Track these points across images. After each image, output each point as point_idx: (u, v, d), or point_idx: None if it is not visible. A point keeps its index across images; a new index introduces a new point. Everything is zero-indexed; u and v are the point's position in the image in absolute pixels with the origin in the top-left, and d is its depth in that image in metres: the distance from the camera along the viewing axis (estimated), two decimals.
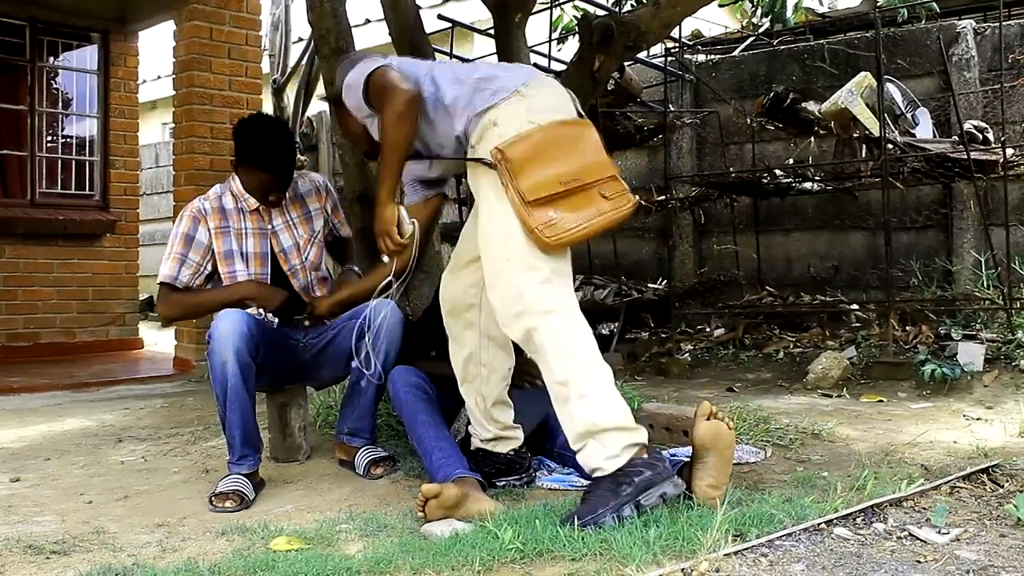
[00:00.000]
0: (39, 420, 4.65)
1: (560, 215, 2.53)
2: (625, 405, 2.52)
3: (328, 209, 3.57)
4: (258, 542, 2.51)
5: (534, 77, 2.76)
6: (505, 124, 2.62)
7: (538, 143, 2.58)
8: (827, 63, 6.31)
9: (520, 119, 2.61)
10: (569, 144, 2.62)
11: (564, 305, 2.55)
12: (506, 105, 2.65)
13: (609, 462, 2.46)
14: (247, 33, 6.65)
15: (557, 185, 2.54)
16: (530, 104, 2.64)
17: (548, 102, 2.69)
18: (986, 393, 4.32)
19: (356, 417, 3.35)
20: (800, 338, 5.85)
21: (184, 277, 3.32)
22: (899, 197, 5.78)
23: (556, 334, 2.52)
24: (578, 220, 2.54)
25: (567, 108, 2.72)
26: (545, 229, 2.50)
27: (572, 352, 2.52)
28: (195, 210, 3.36)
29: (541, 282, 2.54)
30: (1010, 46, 5.69)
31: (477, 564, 2.14)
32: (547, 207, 2.53)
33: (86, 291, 7.51)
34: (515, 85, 2.68)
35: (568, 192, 2.56)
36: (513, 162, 2.55)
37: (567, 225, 2.53)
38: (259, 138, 3.31)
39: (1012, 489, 2.67)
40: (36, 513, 2.94)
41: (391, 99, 2.70)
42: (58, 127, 7.71)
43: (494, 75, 2.76)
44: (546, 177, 2.54)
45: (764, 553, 2.17)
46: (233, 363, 2.98)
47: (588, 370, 2.51)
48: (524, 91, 2.67)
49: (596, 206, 2.58)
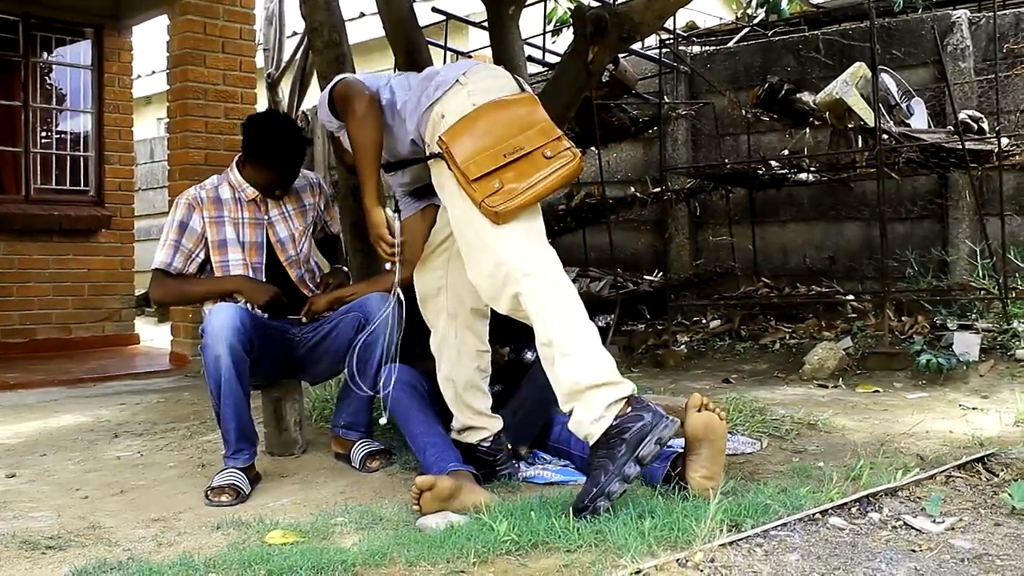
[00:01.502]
0: (35, 416, 4.65)
1: (505, 185, 2.56)
2: (609, 360, 2.52)
3: (321, 206, 3.59)
4: (254, 536, 2.51)
5: (473, 65, 2.83)
6: (450, 114, 2.68)
7: (477, 123, 2.63)
8: (822, 54, 6.31)
9: (463, 106, 2.67)
10: (510, 119, 2.66)
11: (541, 265, 2.56)
12: (449, 96, 2.71)
13: (595, 426, 2.45)
14: (241, 27, 6.63)
15: (500, 158, 2.57)
16: (471, 89, 2.70)
17: (487, 84, 2.74)
18: (982, 383, 4.32)
19: (352, 410, 3.36)
20: (796, 329, 5.85)
21: (178, 263, 3.35)
22: (894, 187, 5.78)
23: (537, 296, 2.53)
24: (522, 185, 2.56)
25: (508, 86, 2.77)
26: (490, 200, 2.53)
27: (553, 312, 2.52)
28: (190, 198, 3.38)
29: (513, 248, 2.55)
30: (1004, 36, 5.68)
31: (472, 556, 2.14)
32: (491, 179, 2.56)
33: (81, 287, 7.50)
34: (454, 76, 2.74)
35: (511, 163, 2.59)
36: (453, 147, 2.60)
37: (512, 193, 2.55)
38: (270, 136, 3.35)
39: (1007, 478, 2.67)
40: (32, 509, 2.93)
41: (350, 105, 2.83)
42: (52, 123, 7.69)
43: (435, 72, 2.86)
44: (486, 153, 2.58)
45: (759, 543, 2.17)
46: (227, 357, 2.98)
47: (571, 329, 2.51)
48: (463, 79, 2.72)
49: (540, 170, 2.60)
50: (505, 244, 2.55)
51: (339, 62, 4.05)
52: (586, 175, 7.03)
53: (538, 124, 2.67)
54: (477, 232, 2.59)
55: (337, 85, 2.90)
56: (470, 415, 2.98)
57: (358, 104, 2.80)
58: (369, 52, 10.44)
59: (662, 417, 2.44)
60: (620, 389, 2.48)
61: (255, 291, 3.30)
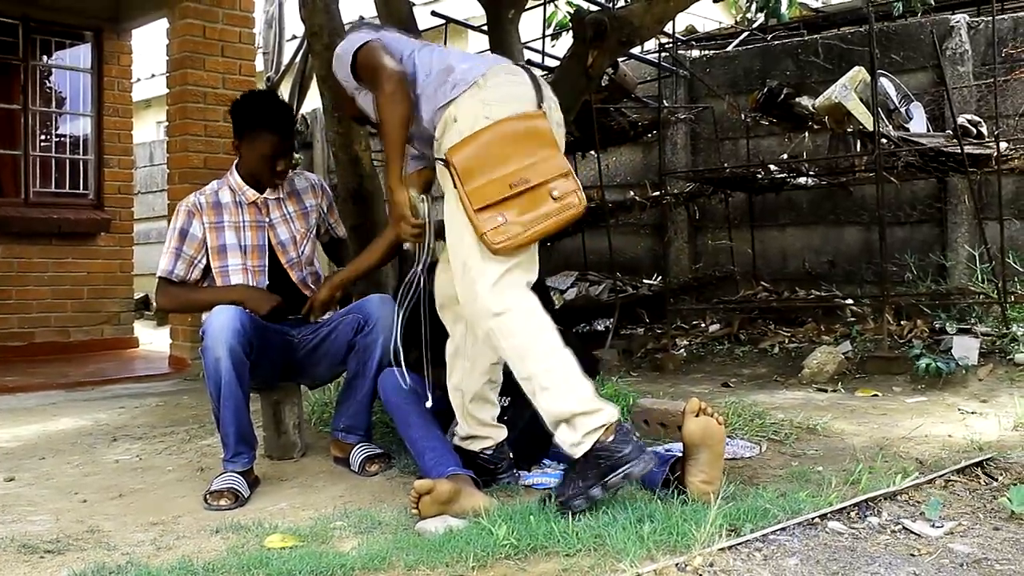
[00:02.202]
0: (34, 419, 4.64)
1: (508, 219, 2.54)
2: (586, 388, 2.53)
3: (324, 208, 3.60)
4: (252, 540, 2.51)
5: (494, 66, 2.76)
6: (463, 119, 2.64)
7: (486, 144, 2.59)
8: (821, 58, 6.31)
9: (476, 114, 2.62)
10: (520, 142, 2.61)
11: (514, 303, 2.57)
12: (464, 98, 2.66)
13: (575, 448, 2.50)
14: (240, 31, 6.63)
15: (505, 189, 2.55)
16: (486, 96, 2.65)
17: (505, 91, 2.68)
18: (981, 387, 4.32)
19: (351, 414, 3.36)
20: (795, 333, 5.85)
21: (180, 271, 3.36)
22: (893, 192, 5.78)
23: (509, 334, 2.56)
24: (526, 224, 2.55)
25: (526, 96, 2.70)
26: (492, 235, 2.53)
27: (527, 349, 2.55)
28: (190, 204, 3.39)
29: (492, 285, 2.56)
30: (1003, 40, 5.69)
31: (471, 560, 2.14)
32: (495, 211, 2.55)
33: (81, 290, 7.49)
34: (473, 76, 2.68)
35: (516, 195, 2.56)
36: (460, 167, 2.57)
37: (514, 230, 2.54)
38: (257, 104, 3.40)
39: (1006, 482, 2.67)
40: (30, 512, 2.93)
41: (380, 82, 2.73)
42: (52, 126, 7.70)
43: (455, 66, 2.75)
44: (493, 181, 2.55)
45: (758, 547, 2.17)
46: (227, 360, 2.98)
47: (545, 362, 2.53)
48: (482, 82, 2.67)
49: (544, 208, 2.58)
50: (484, 280, 2.57)
51: None
52: (585, 179, 7.03)
53: (549, 152, 2.63)
54: (465, 257, 2.61)
55: (362, 49, 2.82)
56: (475, 425, 2.98)
57: (387, 82, 2.72)
58: None
59: (641, 453, 2.47)
60: (600, 417, 2.49)
61: (257, 300, 3.28)
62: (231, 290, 3.33)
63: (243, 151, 3.40)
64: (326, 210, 3.62)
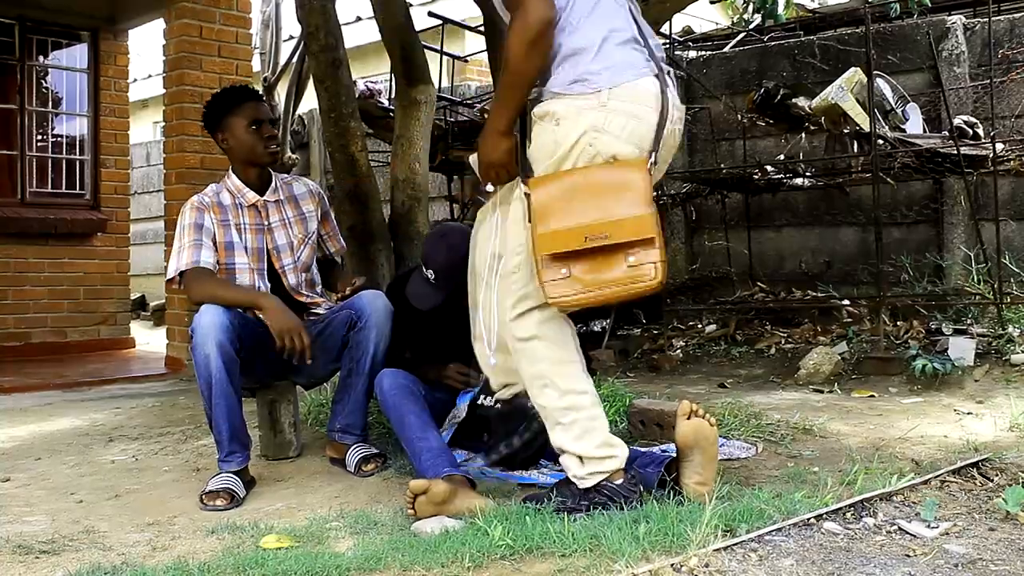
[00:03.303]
0: (30, 420, 4.64)
1: (572, 272, 2.35)
2: (600, 434, 2.51)
3: (318, 216, 3.56)
4: (248, 540, 2.51)
5: (629, 83, 2.41)
6: (564, 130, 2.39)
7: (572, 187, 2.36)
8: (817, 59, 6.32)
9: (578, 132, 2.37)
10: (611, 191, 2.35)
11: (545, 332, 2.50)
12: (578, 105, 2.39)
13: (578, 480, 2.52)
14: (237, 31, 6.63)
15: (581, 240, 2.32)
16: (597, 121, 2.38)
17: (622, 123, 2.39)
18: (977, 388, 4.33)
19: (347, 413, 3.34)
20: (792, 334, 5.85)
21: (209, 258, 3.26)
22: (890, 193, 5.79)
23: (533, 361, 2.51)
24: (589, 285, 2.35)
25: (641, 137, 2.42)
26: (550, 287, 2.37)
27: (548, 380, 2.51)
28: (196, 202, 3.37)
29: (524, 311, 2.50)
30: (999, 41, 5.70)
31: (467, 560, 2.14)
32: (563, 263, 2.35)
33: (77, 290, 7.49)
34: (599, 85, 2.38)
35: (589, 251, 2.34)
36: (537, 206, 2.37)
37: (575, 288, 2.35)
38: (220, 93, 3.43)
39: (1002, 483, 2.67)
40: (26, 513, 2.93)
41: (523, 15, 2.35)
42: (48, 126, 7.68)
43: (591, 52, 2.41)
44: (569, 229, 2.33)
45: (754, 548, 2.17)
46: (217, 358, 2.97)
47: (564, 400, 2.50)
48: (605, 97, 2.38)
49: (615, 273, 2.35)
50: (520, 306, 2.51)
51: (335, 66, 4.05)
52: None
53: (640, 210, 2.34)
54: (510, 275, 2.53)
55: None
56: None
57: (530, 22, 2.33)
58: (365, 56, 10.46)
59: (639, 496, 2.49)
60: (607, 464, 2.50)
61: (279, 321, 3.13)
62: (262, 297, 3.22)
63: (229, 139, 3.38)
64: (320, 219, 3.58)
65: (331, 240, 3.68)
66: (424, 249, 3.27)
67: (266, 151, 3.39)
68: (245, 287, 3.32)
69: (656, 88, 2.45)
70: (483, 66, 9.74)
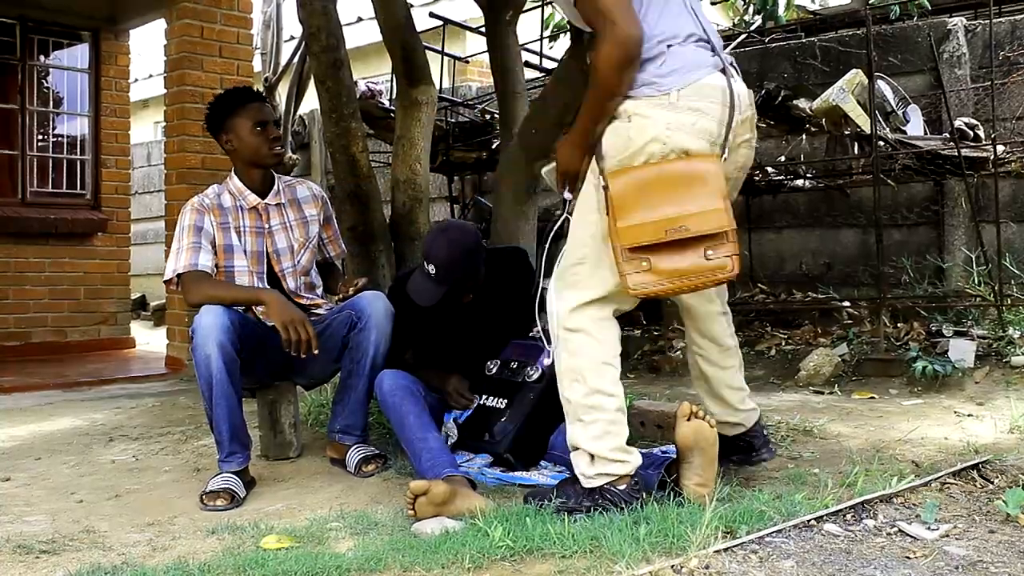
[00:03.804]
0: (30, 419, 4.64)
1: (652, 264, 2.40)
2: (618, 439, 2.53)
3: (320, 220, 3.56)
4: (248, 540, 2.51)
5: (696, 83, 2.46)
6: (636, 127, 2.45)
7: (649, 180, 2.41)
8: (818, 60, 6.32)
9: (651, 129, 2.43)
10: (687, 184, 2.40)
11: (591, 328, 2.53)
12: (650, 104, 2.44)
13: (585, 479, 2.54)
14: (239, 31, 6.62)
15: (660, 233, 2.37)
16: (670, 120, 2.43)
17: (691, 120, 2.44)
18: (977, 389, 4.32)
19: (347, 414, 3.34)
20: (792, 335, 5.84)
21: (207, 262, 3.26)
22: (890, 194, 5.78)
23: (572, 353, 2.54)
24: (667, 275, 2.40)
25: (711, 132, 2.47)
26: (632, 279, 2.41)
27: (580, 375, 2.53)
28: (196, 203, 3.37)
29: (576, 300, 2.53)
30: (1000, 43, 5.69)
31: (467, 561, 2.14)
32: (644, 254, 2.40)
33: (77, 290, 7.49)
34: (668, 86, 2.44)
35: (669, 243, 2.39)
36: (616, 198, 2.41)
37: (654, 279, 2.40)
38: (223, 95, 3.43)
39: (1002, 485, 2.67)
40: (26, 513, 2.93)
41: (614, 34, 2.37)
42: (49, 126, 7.69)
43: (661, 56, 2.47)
44: (650, 222, 2.38)
45: (754, 550, 2.17)
46: (217, 358, 2.98)
47: (591, 398, 2.52)
48: (674, 97, 2.44)
49: (692, 264, 2.39)
50: (576, 291, 2.54)
51: (336, 66, 4.05)
52: None
53: (715, 203, 2.39)
54: (575, 263, 2.55)
55: None
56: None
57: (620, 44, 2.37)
58: (366, 57, 10.46)
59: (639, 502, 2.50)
60: (618, 467, 2.52)
61: (282, 313, 3.13)
62: (263, 292, 3.23)
63: (233, 140, 3.38)
64: (321, 224, 3.58)
65: (332, 244, 3.67)
66: (425, 245, 3.27)
67: (271, 152, 3.39)
68: (244, 285, 3.33)
69: (723, 82, 2.51)
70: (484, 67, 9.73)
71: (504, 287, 3.34)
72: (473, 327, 3.32)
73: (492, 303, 3.32)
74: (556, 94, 4.06)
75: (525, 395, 3.12)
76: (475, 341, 3.32)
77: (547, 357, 3.07)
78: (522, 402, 3.11)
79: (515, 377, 3.19)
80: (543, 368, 3.12)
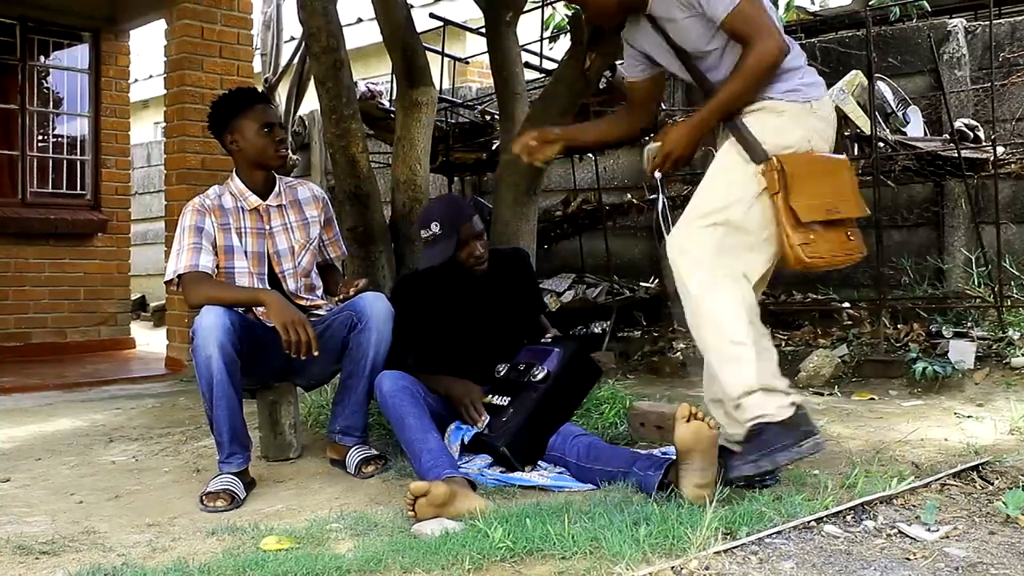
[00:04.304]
0: (30, 420, 4.64)
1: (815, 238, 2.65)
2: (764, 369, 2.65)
3: (321, 221, 3.56)
4: (248, 541, 2.51)
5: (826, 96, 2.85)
6: (786, 122, 2.70)
7: (812, 163, 2.69)
8: (818, 61, 6.31)
9: (801, 129, 2.71)
10: (833, 175, 2.74)
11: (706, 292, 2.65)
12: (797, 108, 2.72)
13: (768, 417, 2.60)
14: (239, 32, 6.62)
15: (823, 212, 2.66)
16: (814, 124, 2.74)
17: (823, 128, 2.77)
18: (977, 391, 4.33)
19: (347, 415, 3.34)
20: (792, 336, 5.85)
21: (208, 263, 3.25)
22: (891, 195, 5.79)
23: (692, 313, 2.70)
24: (830, 250, 2.69)
25: (832, 138, 2.82)
26: (805, 249, 2.63)
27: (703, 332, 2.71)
28: (197, 204, 3.36)
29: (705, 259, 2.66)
30: (1000, 44, 5.70)
31: (467, 563, 2.14)
32: (807, 229, 2.64)
33: (77, 291, 7.48)
34: (810, 96, 2.74)
35: (826, 222, 2.67)
36: (790, 176, 2.62)
37: (821, 250, 2.66)
38: (228, 96, 3.44)
39: (1002, 486, 2.67)
40: (26, 513, 2.93)
41: (766, 44, 2.65)
42: (49, 126, 7.69)
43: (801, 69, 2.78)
44: (818, 201, 2.65)
45: (754, 551, 2.17)
46: (218, 358, 2.97)
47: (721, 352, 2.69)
48: (815, 106, 2.75)
49: (840, 242, 2.71)
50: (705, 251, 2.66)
51: (336, 67, 4.05)
52: (582, 181, 7.05)
53: (853, 192, 2.78)
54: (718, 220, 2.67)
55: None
56: None
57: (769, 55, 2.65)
58: (367, 58, 10.45)
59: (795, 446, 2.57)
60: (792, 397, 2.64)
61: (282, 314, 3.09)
62: (263, 293, 3.21)
63: (239, 141, 3.36)
64: (323, 225, 3.58)
65: (332, 246, 3.67)
66: (421, 218, 3.31)
67: (276, 154, 3.39)
68: (244, 286, 3.32)
69: (832, 103, 2.94)
70: (484, 68, 9.74)
71: (507, 286, 3.37)
72: (480, 327, 3.33)
73: (496, 302, 3.35)
74: (556, 95, 4.07)
75: (528, 394, 3.12)
76: (483, 342, 3.33)
77: (554, 359, 3.09)
78: (525, 401, 3.11)
79: (521, 377, 3.20)
80: (549, 369, 3.12)
